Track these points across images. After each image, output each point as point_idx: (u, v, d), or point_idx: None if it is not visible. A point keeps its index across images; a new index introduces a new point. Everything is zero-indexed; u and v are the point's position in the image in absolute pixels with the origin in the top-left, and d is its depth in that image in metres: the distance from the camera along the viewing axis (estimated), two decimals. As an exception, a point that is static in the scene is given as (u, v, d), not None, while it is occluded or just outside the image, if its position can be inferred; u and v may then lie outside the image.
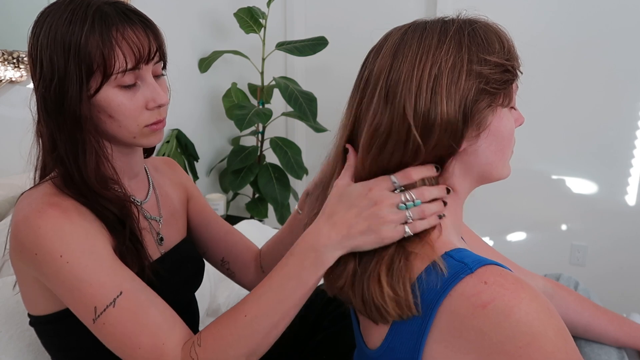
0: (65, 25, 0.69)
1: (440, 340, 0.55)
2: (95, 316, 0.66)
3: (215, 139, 2.55)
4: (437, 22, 0.61)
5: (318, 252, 0.63)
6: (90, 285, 0.66)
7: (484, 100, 0.59)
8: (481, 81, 0.58)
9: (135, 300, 0.68)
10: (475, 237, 0.90)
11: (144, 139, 0.77)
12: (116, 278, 0.68)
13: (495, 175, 0.65)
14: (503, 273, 0.54)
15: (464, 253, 0.57)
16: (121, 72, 0.70)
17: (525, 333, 0.50)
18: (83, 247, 0.68)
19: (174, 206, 0.96)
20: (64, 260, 0.66)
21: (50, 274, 0.67)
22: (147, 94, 0.74)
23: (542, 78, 2.18)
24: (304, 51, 2.20)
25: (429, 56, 0.58)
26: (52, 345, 0.81)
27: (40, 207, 0.68)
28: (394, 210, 0.61)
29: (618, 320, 0.90)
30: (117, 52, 0.69)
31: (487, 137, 0.61)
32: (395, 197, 0.61)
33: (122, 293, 0.67)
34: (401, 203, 0.60)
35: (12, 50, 1.46)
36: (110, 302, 0.66)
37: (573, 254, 2.32)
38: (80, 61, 0.69)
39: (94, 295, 0.66)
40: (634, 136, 2.13)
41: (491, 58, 0.58)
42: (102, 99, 0.71)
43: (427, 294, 0.56)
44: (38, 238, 0.66)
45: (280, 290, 0.65)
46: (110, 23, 0.69)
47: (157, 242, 0.87)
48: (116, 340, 0.67)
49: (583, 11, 2.10)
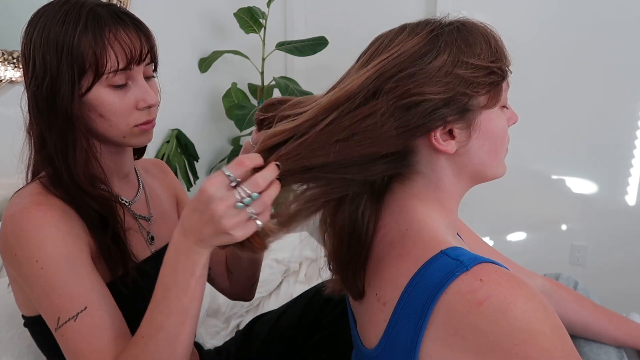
0: (58, 25, 0.70)
1: (436, 338, 0.55)
2: (57, 326, 0.68)
3: (215, 139, 2.55)
4: (422, 24, 0.61)
5: (185, 254, 0.60)
6: (59, 295, 0.67)
7: (460, 102, 0.58)
8: (459, 83, 0.58)
9: (97, 319, 0.68)
10: (473, 235, 0.91)
11: (133, 138, 0.78)
12: (85, 292, 0.69)
13: (489, 174, 0.65)
14: (499, 271, 0.54)
15: (459, 251, 0.57)
16: (112, 72, 0.72)
17: (522, 330, 0.50)
18: (59, 254, 0.69)
19: (164, 206, 0.97)
20: (39, 265, 0.67)
21: (25, 277, 0.69)
22: (138, 94, 0.75)
23: (542, 78, 2.18)
24: (304, 51, 2.20)
25: (407, 57, 0.58)
26: (45, 345, 0.82)
27: (26, 206, 0.70)
28: (234, 212, 0.55)
29: (617, 320, 0.90)
30: (110, 52, 0.71)
31: (479, 137, 0.61)
32: (230, 197, 0.55)
33: (86, 308, 0.68)
34: (238, 202, 0.55)
35: (12, 50, 1.47)
36: (73, 315, 0.67)
37: (573, 253, 2.32)
38: (72, 60, 0.70)
39: (61, 305, 0.67)
40: (634, 136, 2.13)
41: (472, 61, 0.58)
42: (94, 98, 0.72)
43: (422, 291, 0.56)
44: (19, 239, 0.68)
45: (166, 302, 0.63)
46: (103, 24, 0.71)
47: (148, 241, 0.88)
48: (67, 352, 0.68)
49: (583, 11, 2.10)
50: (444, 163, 0.62)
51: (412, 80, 0.57)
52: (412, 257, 0.59)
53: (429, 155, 0.62)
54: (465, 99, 0.59)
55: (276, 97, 0.68)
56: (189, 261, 0.60)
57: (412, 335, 0.56)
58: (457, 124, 0.60)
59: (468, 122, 0.60)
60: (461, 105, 0.59)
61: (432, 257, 0.57)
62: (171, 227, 0.95)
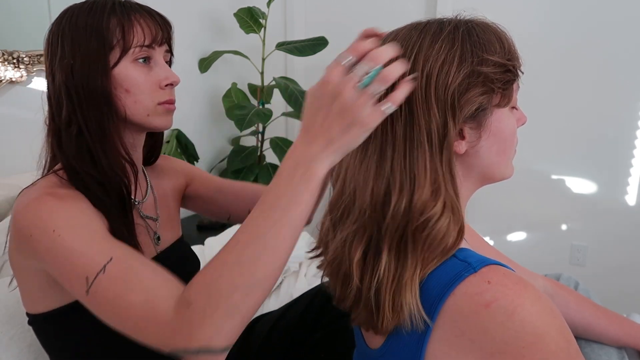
0: (86, 12, 0.77)
1: (443, 339, 0.55)
2: (87, 286, 0.64)
3: (215, 139, 2.55)
4: (434, 23, 0.61)
5: (305, 166, 0.58)
6: (81, 255, 0.65)
7: (478, 99, 0.58)
8: (477, 79, 0.57)
9: (125, 264, 0.66)
10: (477, 237, 0.90)
11: (157, 117, 0.81)
12: (106, 246, 0.67)
13: (498, 175, 0.65)
14: (506, 273, 0.54)
15: (467, 253, 0.57)
16: (139, 46, 0.77)
17: (529, 333, 0.50)
18: (76, 221, 0.68)
19: (171, 207, 0.97)
20: (56, 234, 0.66)
21: (44, 251, 0.67)
22: (161, 73, 0.81)
23: (542, 78, 2.18)
24: (304, 51, 2.20)
25: (421, 55, 0.57)
26: (50, 344, 0.81)
27: (39, 195, 0.70)
28: (358, 93, 0.54)
29: (618, 320, 0.90)
30: (136, 27, 0.77)
31: (488, 137, 0.61)
32: (350, 79, 0.54)
33: (112, 259, 0.65)
34: (359, 81, 0.54)
35: (12, 50, 1.46)
36: (100, 268, 0.64)
37: (573, 254, 2.32)
38: (101, 37, 0.75)
39: (85, 264, 0.65)
40: (634, 136, 2.13)
41: (491, 57, 0.58)
42: (120, 72, 0.77)
43: (430, 293, 0.56)
44: (34, 219, 0.67)
45: (272, 211, 0.59)
46: (129, 8, 0.78)
47: (154, 242, 0.88)
48: (108, 305, 0.64)
49: (583, 10, 2.10)
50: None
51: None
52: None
53: None
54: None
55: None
56: (308, 174, 0.57)
57: (419, 335, 0.56)
58: (468, 124, 0.60)
59: (479, 122, 0.60)
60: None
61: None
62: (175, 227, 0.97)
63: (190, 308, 0.58)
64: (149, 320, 0.61)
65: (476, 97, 0.57)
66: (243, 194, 1.04)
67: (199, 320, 0.58)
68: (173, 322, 0.59)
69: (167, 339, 0.60)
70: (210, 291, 0.58)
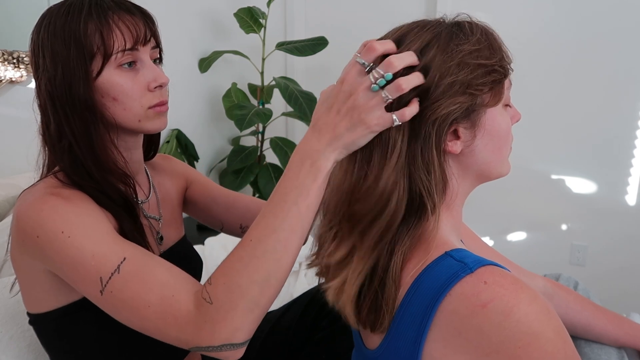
0: (63, 17, 0.72)
1: (439, 339, 0.55)
2: (102, 287, 0.64)
3: (215, 139, 2.55)
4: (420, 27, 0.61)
5: (312, 159, 0.60)
6: (92, 256, 0.65)
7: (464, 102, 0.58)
8: (459, 88, 0.58)
9: (139, 263, 0.66)
10: (475, 237, 0.90)
11: (149, 122, 0.78)
12: (118, 246, 0.67)
13: (494, 173, 0.65)
14: (503, 273, 0.54)
15: (463, 253, 0.57)
16: (120, 51, 0.73)
17: (525, 333, 0.50)
18: (84, 222, 0.67)
19: (174, 206, 0.97)
20: (65, 235, 0.65)
21: (54, 253, 0.66)
22: (148, 75, 0.76)
23: (542, 77, 2.18)
24: (304, 51, 2.20)
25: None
26: (51, 344, 0.81)
27: (42, 196, 0.69)
28: (370, 95, 0.57)
29: (618, 320, 0.90)
30: (116, 32, 0.73)
31: (484, 136, 0.61)
32: (365, 81, 0.57)
33: (125, 259, 0.65)
34: (372, 84, 0.56)
35: (12, 50, 1.46)
36: (114, 269, 0.64)
37: (573, 254, 2.32)
38: (80, 46, 0.71)
39: (98, 265, 0.64)
40: (634, 136, 2.13)
41: (473, 61, 0.58)
42: (105, 81, 0.73)
43: (426, 292, 0.56)
44: (39, 220, 0.66)
45: (282, 206, 0.61)
46: (106, 8, 0.73)
47: (157, 241, 0.88)
48: (125, 305, 0.64)
49: (583, 10, 2.10)
50: (449, 163, 0.62)
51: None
52: (416, 258, 0.59)
53: None
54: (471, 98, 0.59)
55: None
56: (314, 167, 0.60)
57: (415, 336, 0.56)
58: (462, 124, 0.60)
59: (473, 122, 0.60)
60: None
61: (437, 259, 0.57)
62: (178, 226, 0.97)
63: (211, 305, 0.60)
64: (168, 318, 0.62)
65: (453, 105, 0.58)
66: (235, 206, 1.02)
67: (221, 317, 0.60)
68: (195, 320, 0.61)
69: (189, 337, 0.61)
70: (231, 287, 0.60)
